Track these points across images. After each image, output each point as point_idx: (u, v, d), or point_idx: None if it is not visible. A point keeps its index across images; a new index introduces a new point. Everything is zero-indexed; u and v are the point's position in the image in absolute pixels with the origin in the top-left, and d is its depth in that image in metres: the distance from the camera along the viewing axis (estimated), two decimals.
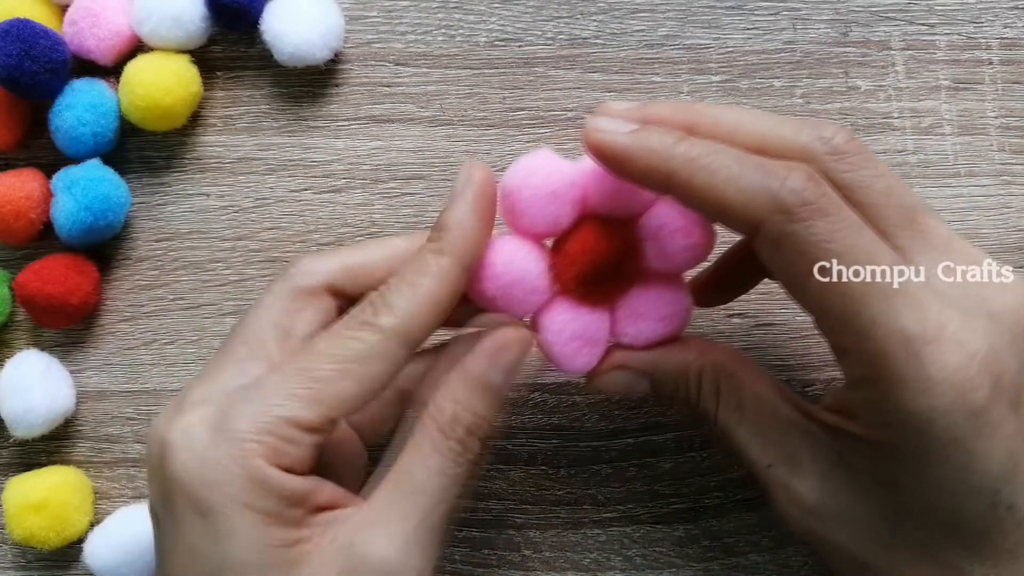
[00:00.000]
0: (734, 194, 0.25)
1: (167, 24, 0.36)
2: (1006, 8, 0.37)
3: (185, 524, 0.25)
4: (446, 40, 0.37)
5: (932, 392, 0.24)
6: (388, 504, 0.26)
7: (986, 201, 0.37)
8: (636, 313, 0.29)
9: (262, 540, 0.25)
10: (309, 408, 0.25)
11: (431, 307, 0.27)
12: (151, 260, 0.37)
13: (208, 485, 0.25)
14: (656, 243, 0.28)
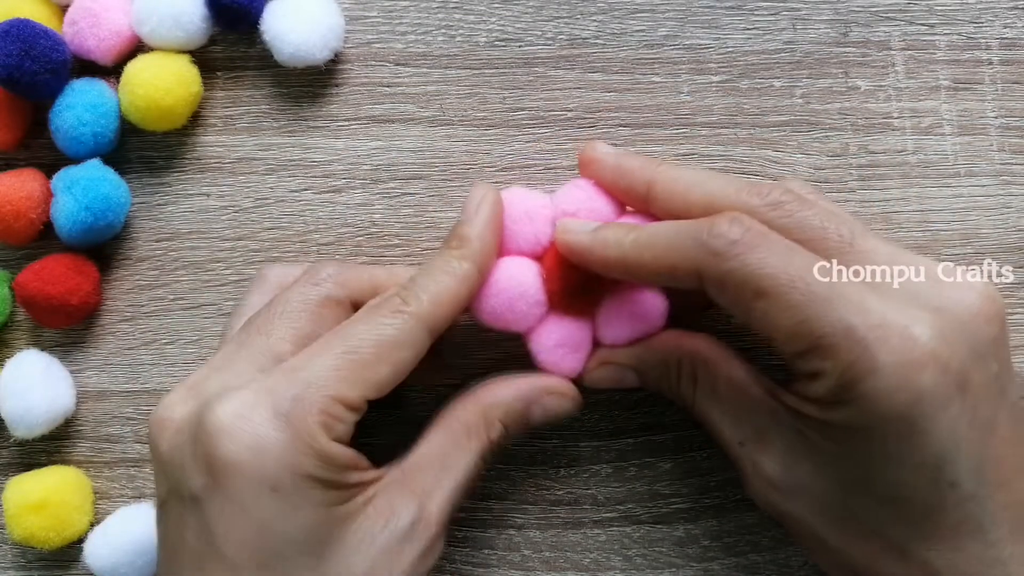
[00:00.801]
0: (674, 256, 0.29)
1: (167, 24, 0.36)
2: (1006, 8, 0.37)
3: (251, 502, 0.27)
4: (446, 40, 0.37)
5: (879, 374, 0.26)
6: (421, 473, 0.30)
7: (986, 201, 0.37)
8: (614, 317, 0.32)
9: (326, 504, 0.28)
10: (353, 388, 0.28)
11: (452, 303, 0.30)
12: (151, 260, 0.37)
13: (279, 463, 0.27)
14: None
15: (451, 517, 0.31)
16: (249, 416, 0.27)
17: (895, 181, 0.37)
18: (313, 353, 0.29)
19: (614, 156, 0.32)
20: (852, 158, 0.37)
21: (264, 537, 0.27)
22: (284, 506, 0.27)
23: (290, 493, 0.27)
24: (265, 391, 0.28)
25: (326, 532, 0.28)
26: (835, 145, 0.37)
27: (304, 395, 0.28)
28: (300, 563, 0.27)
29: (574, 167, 0.37)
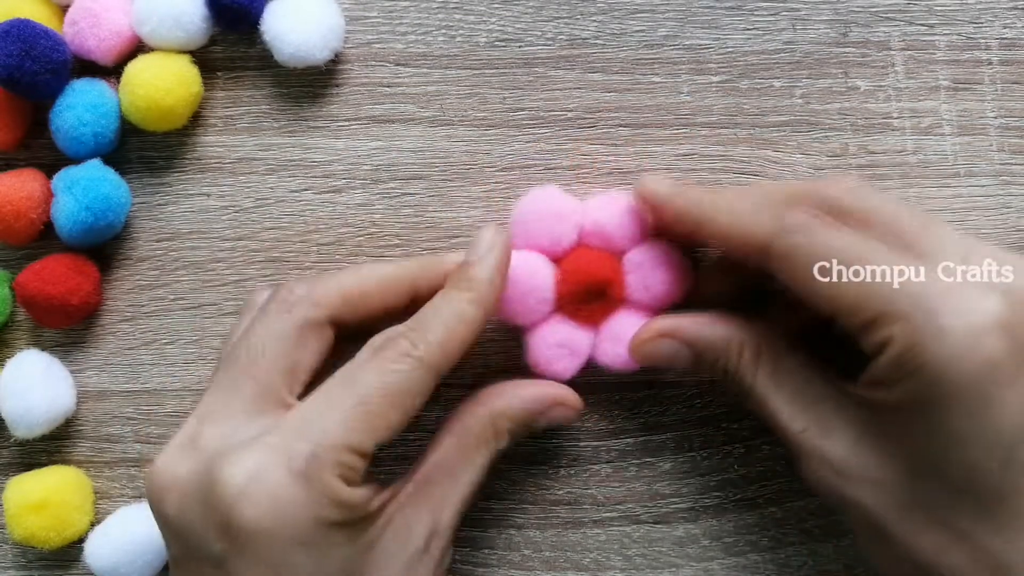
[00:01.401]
0: (748, 224, 0.30)
1: (168, 24, 0.36)
2: (1006, 8, 0.37)
3: (280, 560, 0.27)
4: (446, 40, 0.37)
5: (946, 340, 0.26)
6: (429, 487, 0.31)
7: (986, 201, 0.37)
8: (616, 337, 0.33)
9: (351, 542, 0.29)
10: (365, 438, 0.28)
11: (459, 347, 0.30)
12: (152, 260, 0.37)
13: (303, 520, 0.27)
14: (638, 276, 0.33)
15: (459, 524, 0.31)
16: (265, 478, 0.27)
17: (895, 181, 0.37)
18: (320, 404, 0.29)
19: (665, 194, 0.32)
20: (852, 158, 0.37)
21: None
22: (313, 557, 0.28)
23: (318, 544, 0.28)
24: (277, 450, 0.28)
25: (353, 566, 0.29)
26: (835, 145, 0.37)
27: (318, 452, 0.28)
28: None
29: (574, 167, 0.37)
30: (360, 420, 0.28)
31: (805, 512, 0.36)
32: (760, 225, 0.30)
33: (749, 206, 0.30)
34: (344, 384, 0.29)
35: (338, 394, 0.29)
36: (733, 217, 0.30)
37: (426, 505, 0.31)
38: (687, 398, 0.36)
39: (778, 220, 0.29)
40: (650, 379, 0.36)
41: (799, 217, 0.29)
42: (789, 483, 0.36)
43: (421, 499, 0.31)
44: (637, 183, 0.33)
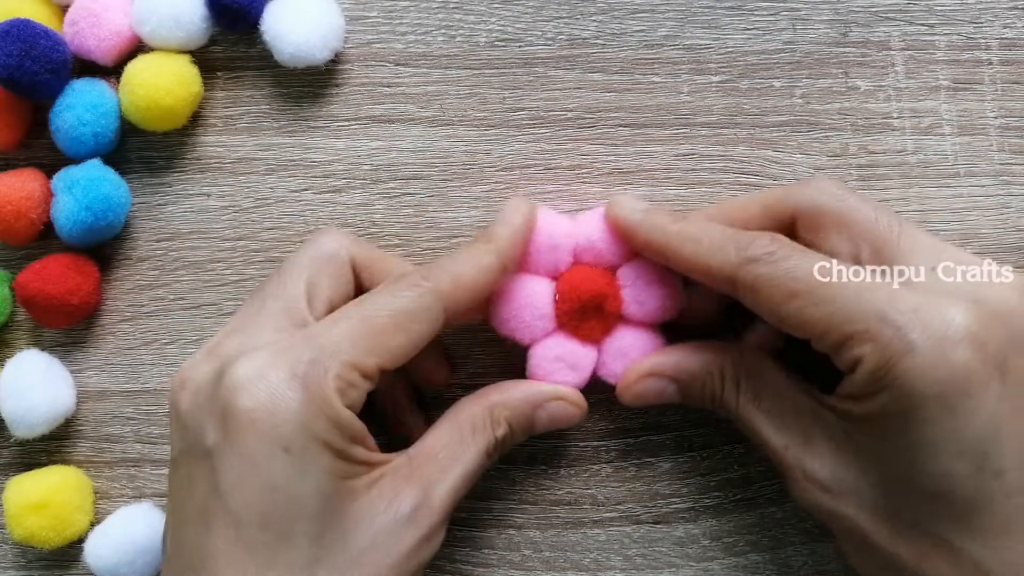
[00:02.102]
0: (712, 257, 0.30)
1: (168, 24, 0.36)
2: (1006, 8, 0.37)
3: (262, 461, 0.27)
4: (446, 40, 0.37)
5: (915, 355, 0.27)
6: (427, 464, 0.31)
7: (986, 201, 0.37)
8: (617, 353, 0.34)
9: (334, 473, 0.28)
10: (369, 355, 0.29)
11: (471, 287, 0.31)
12: (152, 260, 0.37)
13: (293, 424, 0.27)
14: (632, 291, 0.33)
15: (453, 508, 0.31)
16: (266, 375, 0.28)
17: (895, 181, 0.37)
18: (332, 320, 0.30)
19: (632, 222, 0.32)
20: (852, 158, 0.37)
21: (270, 497, 0.27)
22: (293, 468, 0.27)
23: (300, 455, 0.27)
24: (283, 352, 0.28)
25: (331, 502, 0.28)
26: (835, 145, 0.37)
27: (320, 359, 0.28)
28: (301, 528, 0.28)
29: (574, 167, 0.37)
30: (363, 336, 0.29)
31: (805, 512, 0.36)
32: (724, 257, 0.30)
33: (715, 237, 0.31)
34: (356, 305, 0.30)
35: (348, 313, 0.30)
36: (698, 248, 0.31)
37: (417, 479, 0.30)
38: None
39: (742, 251, 0.30)
40: None
41: (762, 246, 0.29)
42: None
43: (414, 472, 0.30)
44: (608, 205, 0.33)
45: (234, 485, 0.27)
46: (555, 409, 0.33)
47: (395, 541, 0.29)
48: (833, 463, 0.30)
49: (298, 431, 0.27)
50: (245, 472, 0.27)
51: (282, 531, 0.27)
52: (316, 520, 0.28)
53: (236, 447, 0.28)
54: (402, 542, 0.29)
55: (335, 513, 0.28)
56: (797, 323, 0.29)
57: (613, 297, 0.33)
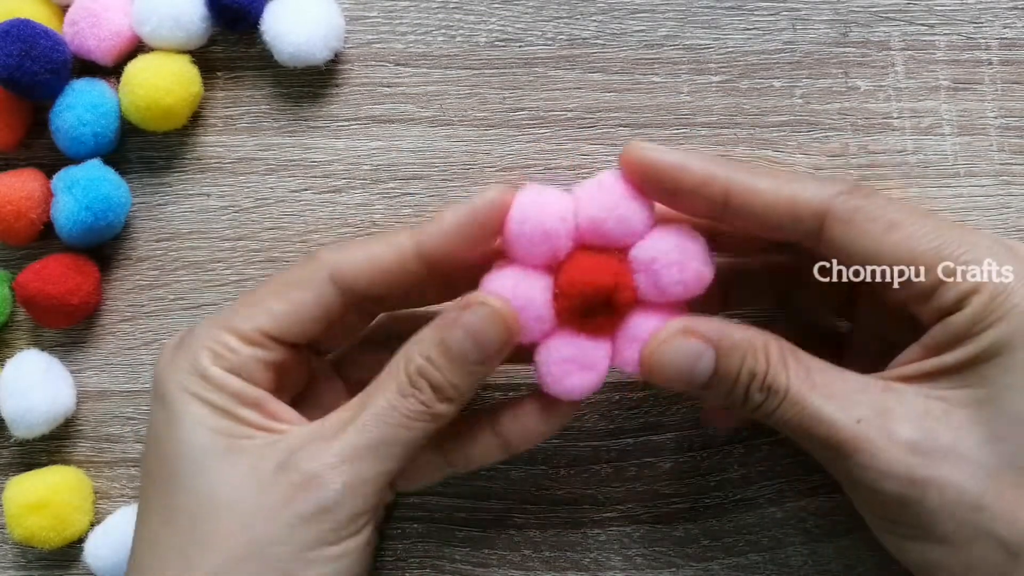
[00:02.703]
0: (800, 189, 0.28)
1: (167, 24, 0.36)
2: (1006, 8, 0.37)
3: (154, 414, 0.30)
4: (446, 40, 0.37)
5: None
6: (340, 420, 0.29)
7: (986, 201, 0.37)
8: (636, 339, 0.29)
9: (208, 426, 0.29)
10: (245, 320, 0.30)
11: (370, 263, 0.29)
12: (152, 260, 0.37)
13: (165, 380, 0.30)
14: (648, 276, 0.29)
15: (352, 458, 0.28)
16: (164, 349, 0.31)
17: (895, 181, 0.37)
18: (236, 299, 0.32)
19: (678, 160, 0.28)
20: (852, 158, 0.37)
21: (152, 446, 0.30)
22: (164, 417, 0.29)
23: (170, 405, 0.29)
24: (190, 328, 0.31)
25: (202, 453, 0.29)
26: (835, 145, 0.37)
27: (198, 329, 0.30)
28: (170, 472, 0.29)
29: (574, 167, 0.37)
30: (242, 304, 0.30)
31: (805, 512, 0.36)
32: (816, 188, 0.28)
33: (792, 176, 0.29)
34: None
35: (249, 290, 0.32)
36: (779, 182, 0.28)
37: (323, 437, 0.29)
38: (688, 398, 0.36)
39: (831, 185, 0.28)
40: None
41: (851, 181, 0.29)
42: (789, 483, 0.36)
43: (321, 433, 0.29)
44: (628, 150, 0.28)
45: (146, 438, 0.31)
46: (466, 319, 0.28)
47: (258, 495, 0.28)
48: (921, 427, 0.27)
49: (168, 384, 0.29)
50: (148, 425, 0.31)
51: (158, 476, 0.29)
52: (181, 468, 0.29)
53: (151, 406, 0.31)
54: (265, 495, 0.28)
55: (206, 465, 0.28)
56: (898, 256, 0.27)
57: (624, 287, 0.29)
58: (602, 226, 0.29)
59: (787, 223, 0.28)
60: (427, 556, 0.36)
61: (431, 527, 0.36)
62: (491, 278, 0.29)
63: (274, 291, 0.30)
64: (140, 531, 0.30)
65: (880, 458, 0.27)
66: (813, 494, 0.36)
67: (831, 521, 0.36)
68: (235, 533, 0.28)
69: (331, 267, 0.30)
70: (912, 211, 0.28)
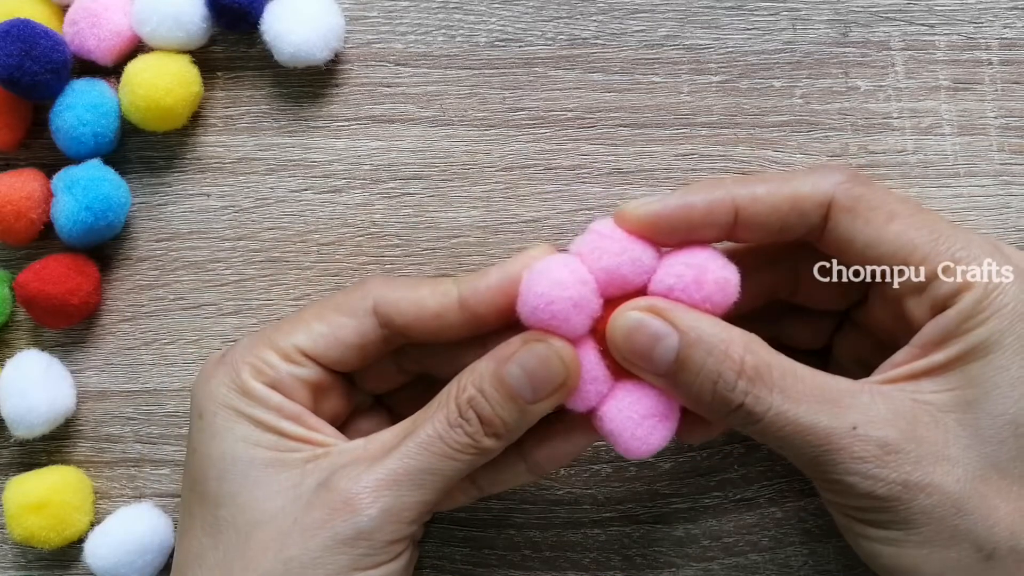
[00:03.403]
0: (800, 185, 0.28)
1: (168, 24, 0.36)
2: (1006, 8, 0.37)
3: (193, 429, 0.30)
4: (446, 40, 0.37)
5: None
6: (377, 448, 0.29)
7: (986, 201, 0.37)
8: None
9: (251, 440, 0.29)
10: (285, 337, 0.30)
11: (415, 304, 0.30)
12: (152, 260, 0.37)
13: (206, 396, 0.30)
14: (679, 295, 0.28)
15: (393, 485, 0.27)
16: (206, 365, 0.31)
17: (895, 181, 0.37)
18: None
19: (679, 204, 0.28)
20: (852, 158, 0.37)
21: (192, 458, 0.30)
22: (204, 431, 0.30)
23: (210, 420, 0.30)
24: (232, 344, 0.32)
25: (242, 467, 0.29)
26: (835, 145, 0.37)
27: (240, 343, 0.31)
28: (212, 487, 0.29)
29: (574, 167, 0.37)
30: (286, 323, 0.31)
31: (805, 512, 0.36)
32: (818, 180, 0.28)
33: (791, 173, 0.30)
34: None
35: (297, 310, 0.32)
36: (778, 185, 0.29)
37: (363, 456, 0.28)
38: None
39: (832, 175, 0.29)
40: None
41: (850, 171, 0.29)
42: (789, 483, 0.36)
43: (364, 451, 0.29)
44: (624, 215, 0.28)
45: (186, 454, 0.31)
46: (523, 357, 0.27)
47: (298, 512, 0.28)
48: (913, 432, 0.27)
49: (208, 400, 0.30)
50: (188, 441, 0.31)
51: (202, 490, 0.29)
52: (225, 481, 0.29)
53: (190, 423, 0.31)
54: (305, 513, 0.28)
55: (250, 478, 0.29)
56: (898, 246, 0.28)
57: None
58: (617, 273, 0.28)
59: (794, 220, 0.29)
60: (427, 556, 0.36)
61: (431, 527, 0.36)
62: None
63: (317, 313, 0.31)
64: (185, 545, 0.30)
65: (874, 464, 0.26)
66: (813, 494, 0.36)
67: (831, 521, 0.35)
68: (271, 550, 0.28)
69: (376, 298, 0.30)
70: (909, 202, 0.29)
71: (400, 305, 0.30)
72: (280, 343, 0.30)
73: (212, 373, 0.30)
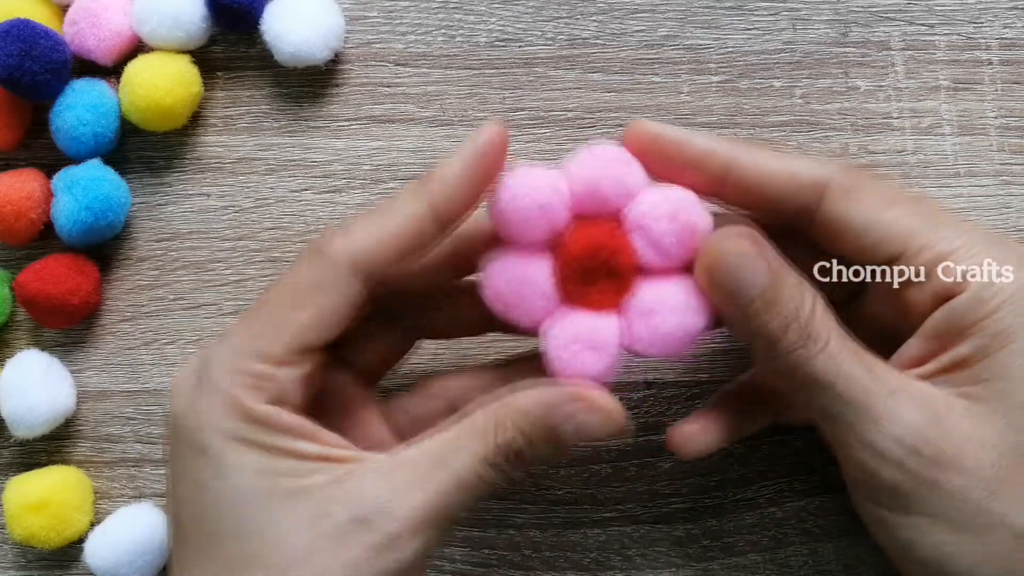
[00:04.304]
0: (799, 164, 0.28)
1: (168, 24, 0.36)
2: (1006, 8, 0.37)
3: (189, 462, 0.27)
4: (446, 40, 0.37)
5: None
6: (407, 476, 0.26)
7: (986, 201, 0.37)
8: (646, 311, 0.27)
9: (261, 469, 0.26)
10: (272, 341, 0.27)
11: (391, 242, 0.27)
12: (152, 260, 0.37)
13: (201, 427, 0.26)
14: (642, 232, 0.27)
15: (436, 520, 0.27)
16: (181, 385, 0.27)
17: (895, 181, 0.37)
18: (240, 316, 0.28)
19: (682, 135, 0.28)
20: (852, 158, 0.37)
21: (200, 496, 0.27)
22: (212, 469, 0.26)
23: (217, 457, 0.26)
24: (199, 360, 0.27)
25: (262, 501, 0.26)
26: (835, 145, 0.37)
27: (219, 358, 0.27)
28: (229, 527, 0.26)
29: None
30: (264, 322, 0.27)
31: (805, 512, 0.36)
32: (815, 164, 0.28)
33: (790, 154, 0.29)
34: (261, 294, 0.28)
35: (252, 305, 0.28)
36: (779, 157, 0.28)
37: (392, 481, 0.26)
38: (687, 398, 0.36)
39: (826, 164, 0.28)
40: (650, 379, 0.36)
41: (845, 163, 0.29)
42: (789, 483, 0.36)
43: (391, 474, 0.26)
44: (634, 125, 0.28)
45: (175, 485, 0.28)
46: (577, 412, 0.27)
47: (341, 548, 0.26)
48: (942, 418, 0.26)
49: (211, 433, 0.26)
50: (182, 472, 0.27)
51: (213, 530, 0.26)
52: (245, 518, 0.26)
53: (173, 451, 0.28)
54: (349, 549, 0.26)
55: (270, 512, 0.26)
56: (894, 231, 0.27)
57: (622, 249, 0.28)
58: (597, 188, 0.27)
59: (787, 194, 0.28)
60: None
61: None
62: (490, 262, 0.28)
63: (293, 300, 0.27)
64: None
65: (908, 432, 0.26)
66: (813, 494, 0.36)
67: (831, 521, 0.36)
68: None
69: (348, 259, 0.27)
70: (906, 191, 0.29)
71: (375, 250, 0.27)
72: (269, 349, 0.27)
73: (196, 397, 0.27)
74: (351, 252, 0.27)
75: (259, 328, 0.27)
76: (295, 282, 0.27)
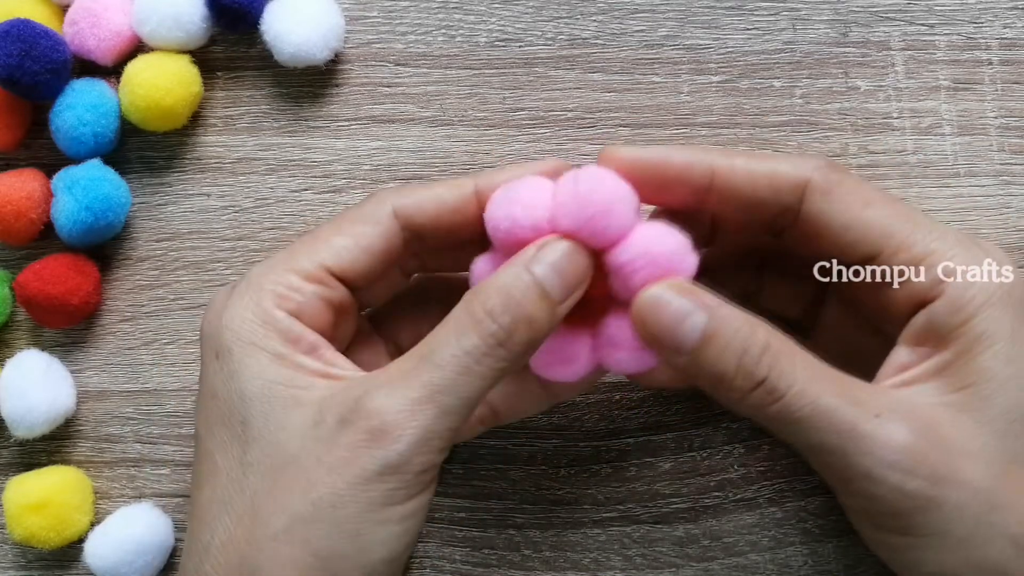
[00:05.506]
0: (778, 164, 0.28)
1: (168, 24, 0.36)
2: (1006, 8, 0.37)
3: (206, 369, 0.29)
4: (446, 40, 0.37)
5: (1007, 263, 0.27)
6: (401, 370, 0.27)
7: (986, 201, 0.37)
8: (611, 342, 0.28)
9: (268, 377, 0.27)
10: (308, 258, 0.29)
11: (434, 203, 0.30)
12: (152, 260, 0.37)
13: (222, 330, 0.28)
14: (622, 279, 0.27)
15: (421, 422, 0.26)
16: (217, 295, 0.30)
17: (895, 181, 0.37)
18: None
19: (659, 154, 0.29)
20: (852, 158, 0.37)
21: (212, 402, 0.28)
22: (221, 372, 0.28)
23: (226, 358, 0.28)
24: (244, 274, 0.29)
25: (264, 406, 0.27)
26: (835, 145, 0.37)
27: (256, 273, 0.29)
28: (235, 431, 0.27)
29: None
30: (305, 242, 0.29)
31: (805, 512, 0.36)
32: (795, 163, 0.28)
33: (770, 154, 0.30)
34: None
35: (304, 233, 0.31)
36: (758, 160, 0.29)
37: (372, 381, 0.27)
38: (687, 398, 0.36)
39: (814, 159, 0.29)
40: None
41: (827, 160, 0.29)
42: (789, 483, 0.36)
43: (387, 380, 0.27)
44: (603, 155, 0.29)
45: (199, 395, 0.29)
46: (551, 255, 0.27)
47: (322, 450, 0.26)
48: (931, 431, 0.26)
49: (228, 336, 0.28)
50: (200, 382, 0.29)
51: (223, 435, 0.28)
52: (247, 423, 0.27)
53: (201, 354, 0.29)
54: (330, 452, 0.26)
55: (268, 419, 0.27)
56: (875, 231, 0.28)
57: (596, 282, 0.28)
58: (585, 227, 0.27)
59: (769, 197, 0.28)
60: (427, 556, 0.36)
61: (431, 527, 0.36)
62: (477, 264, 0.30)
63: (335, 228, 0.29)
64: (207, 493, 0.28)
65: (901, 455, 0.26)
66: (813, 494, 0.36)
67: (831, 521, 0.36)
68: (299, 492, 0.26)
69: (394, 203, 0.29)
70: (884, 192, 0.29)
71: (420, 203, 0.30)
72: (303, 264, 0.29)
73: (226, 304, 0.28)
74: (397, 199, 0.30)
75: (299, 248, 0.29)
76: (342, 216, 0.30)
